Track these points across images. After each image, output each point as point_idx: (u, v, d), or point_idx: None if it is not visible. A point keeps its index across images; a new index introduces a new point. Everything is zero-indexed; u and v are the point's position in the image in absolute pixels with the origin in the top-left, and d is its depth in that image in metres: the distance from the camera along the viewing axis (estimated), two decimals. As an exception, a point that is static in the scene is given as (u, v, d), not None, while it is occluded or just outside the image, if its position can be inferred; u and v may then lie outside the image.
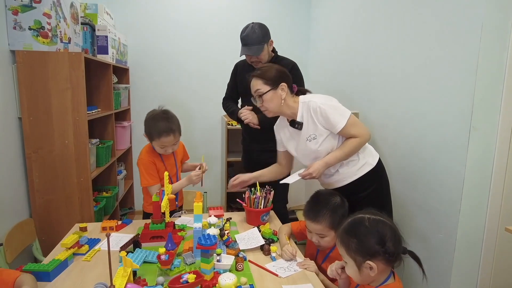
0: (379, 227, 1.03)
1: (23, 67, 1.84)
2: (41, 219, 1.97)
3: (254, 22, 2.11)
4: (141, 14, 3.21)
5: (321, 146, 1.56)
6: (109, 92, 2.56)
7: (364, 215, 1.07)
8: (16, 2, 1.84)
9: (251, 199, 1.68)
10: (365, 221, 1.05)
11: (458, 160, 1.65)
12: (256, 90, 1.59)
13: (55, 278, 1.19)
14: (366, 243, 1.01)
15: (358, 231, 1.04)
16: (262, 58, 2.09)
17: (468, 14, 1.58)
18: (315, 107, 1.54)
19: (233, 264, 1.26)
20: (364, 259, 1.01)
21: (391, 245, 1.01)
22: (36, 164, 1.93)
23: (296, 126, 1.61)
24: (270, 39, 2.13)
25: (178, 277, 1.08)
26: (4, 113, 1.79)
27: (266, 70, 1.61)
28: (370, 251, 1.00)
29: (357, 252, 1.02)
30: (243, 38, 2.08)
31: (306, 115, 1.58)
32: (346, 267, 1.07)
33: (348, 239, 1.04)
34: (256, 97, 1.60)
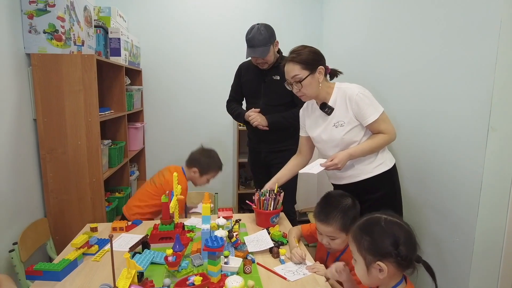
0: (394, 229, 0.99)
1: (38, 69, 1.88)
2: (55, 218, 2.01)
3: (259, 23, 2.10)
4: (154, 16, 3.24)
5: (347, 135, 1.55)
6: (121, 94, 2.59)
7: (381, 215, 1.03)
8: (32, 7, 1.88)
9: (261, 201, 1.67)
10: (381, 221, 1.01)
11: (475, 161, 1.58)
12: (293, 76, 1.54)
13: (65, 277, 1.20)
14: (379, 243, 0.97)
15: (373, 230, 1.00)
16: (268, 59, 2.09)
17: (486, 10, 1.52)
18: (352, 94, 1.53)
19: (241, 266, 1.24)
20: (375, 258, 0.97)
21: (405, 249, 0.97)
22: (50, 165, 1.97)
23: (327, 110, 1.58)
24: (275, 40, 2.13)
25: (184, 279, 1.07)
26: (20, 115, 1.83)
27: (301, 53, 1.55)
28: (382, 251, 0.96)
29: (369, 251, 0.98)
30: (249, 39, 2.07)
31: (339, 101, 1.57)
32: (355, 266, 1.03)
33: (361, 236, 1.00)
34: (293, 83, 1.55)
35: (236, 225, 1.56)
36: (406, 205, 2.08)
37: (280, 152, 2.23)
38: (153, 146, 3.35)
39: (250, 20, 3.24)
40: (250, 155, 2.42)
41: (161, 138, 3.34)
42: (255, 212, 1.72)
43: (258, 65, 2.13)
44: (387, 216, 1.02)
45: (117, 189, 2.59)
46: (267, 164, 2.24)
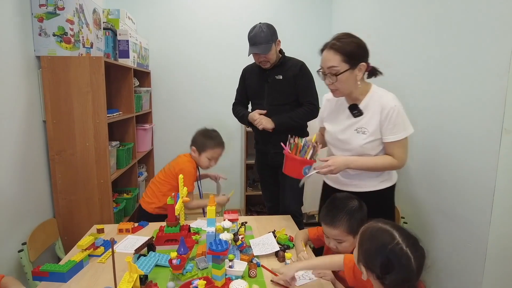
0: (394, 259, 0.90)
1: (47, 72, 1.90)
2: (64, 219, 2.02)
3: (261, 22, 2.10)
4: (162, 18, 3.26)
5: (366, 144, 1.43)
6: (130, 95, 2.61)
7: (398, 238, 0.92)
8: (42, 10, 1.90)
9: (298, 146, 1.48)
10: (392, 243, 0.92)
11: (488, 164, 1.54)
12: (330, 67, 1.38)
13: (70, 279, 1.20)
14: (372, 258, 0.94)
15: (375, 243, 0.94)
16: (270, 58, 2.08)
17: (500, 10, 1.48)
18: (387, 105, 1.40)
19: (246, 270, 1.23)
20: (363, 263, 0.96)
21: (390, 279, 0.90)
22: (59, 166, 1.99)
23: (355, 112, 1.46)
24: (277, 38, 2.12)
25: (188, 282, 1.06)
26: (30, 117, 1.86)
27: (347, 43, 1.38)
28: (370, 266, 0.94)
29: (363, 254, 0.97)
30: (251, 37, 2.07)
31: (372, 106, 1.44)
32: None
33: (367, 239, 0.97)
34: (328, 74, 1.39)
35: (242, 228, 1.55)
36: (416, 210, 2.04)
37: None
38: (161, 148, 3.36)
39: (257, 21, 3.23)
40: (257, 157, 2.40)
41: (170, 140, 3.35)
42: (286, 157, 1.52)
43: (261, 64, 2.12)
44: (402, 243, 0.92)
45: (125, 190, 2.60)
46: (274, 166, 2.22)
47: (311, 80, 2.16)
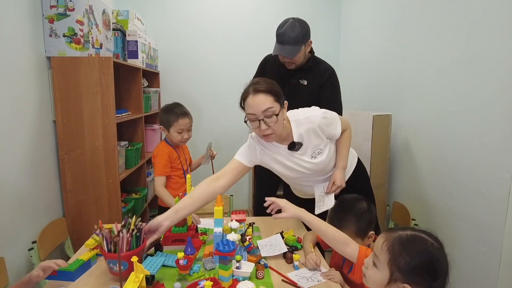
0: (439, 258, 0.88)
1: (58, 72, 1.92)
2: (73, 218, 2.04)
3: (294, 18, 1.90)
4: (171, 19, 3.28)
5: (328, 155, 1.49)
6: (139, 96, 2.62)
7: (428, 238, 0.91)
8: (52, 11, 1.92)
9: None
10: (428, 245, 0.89)
11: (503, 165, 1.49)
12: (266, 109, 1.29)
13: (78, 278, 1.20)
14: (419, 269, 0.87)
15: (416, 251, 0.88)
16: (297, 60, 1.91)
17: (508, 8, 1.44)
18: (319, 121, 1.43)
19: (253, 271, 1.21)
20: (405, 280, 0.87)
21: (440, 284, 0.87)
22: (69, 166, 2.00)
23: (296, 148, 1.44)
24: (309, 39, 1.93)
25: (195, 283, 1.05)
26: (40, 117, 1.88)
27: (270, 83, 1.36)
28: (416, 276, 0.86)
29: (402, 271, 0.87)
30: (279, 34, 1.87)
31: (306, 133, 1.43)
32: (371, 269, 0.94)
33: (400, 252, 0.89)
34: (265, 118, 1.30)
35: (249, 229, 1.53)
36: (430, 212, 2.00)
37: None
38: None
39: (266, 22, 3.25)
40: None
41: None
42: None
43: (285, 64, 1.96)
44: (433, 240, 0.90)
45: (133, 190, 2.61)
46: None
47: (338, 91, 2.02)
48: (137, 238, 1.18)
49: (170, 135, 1.93)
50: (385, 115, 2.22)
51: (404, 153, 2.28)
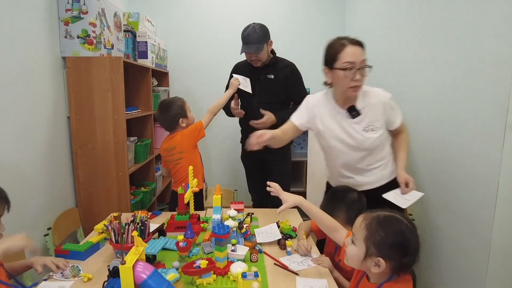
0: (410, 238, 0.98)
1: (72, 71, 2.05)
2: (85, 209, 2.17)
3: (255, 23, 2.20)
4: (180, 21, 3.40)
5: (379, 137, 1.53)
6: (148, 94, 2.74)
7: (403, 219, 1.01)
8: (68, 14, 2.06)
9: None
10: (402, 224, 0.99)
11: (492, 161, 1.54)
12: (364, 60, 1.44)
13: (88, 257, 1.32)
14: (391, 245, 0.97)
15: (391, 229, 0.98)
16: (261, 57, 2.18)
17: (502, 10, 1.49)
18: (386, 100, 1.55)
19: (247, 255, 1.30)
20: (378, 255, 0.97)
21: (409, 259, 0.97)
22: (82, 159, 2.13)
23: (354, 113, 1.52)
24: (269, 39, 2.22)
25: (192, 262, 1.15)
26: (56, 113, 2.01)
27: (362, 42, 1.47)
28: (389, 253, 0.96)
29: (377, 246, 0.97)
30: (244, 37, 2.17)
31: (370, 103, 1.53)
32: (350, 246, 1.04)
33: (376, 229, 0.99)
34: (361, 68, 1.43)
35: (247, 218, 1.62)
36: (426, 208, 2.06)
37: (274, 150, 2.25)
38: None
39: (274, 23, 3.33)
40: (243, 151, 2.50)
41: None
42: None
43: (252, 62, 2.23)
44: (407, 221, 1.01)
45: (142, 184, 2.73)
46: (262, 161, 2.34)
47: (302, 81, 2.32)
48: (141, 231, 1.28)
49: (188, 119, 2.10)
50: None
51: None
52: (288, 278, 1.20)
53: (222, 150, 3.54)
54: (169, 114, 2.03)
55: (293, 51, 3.43)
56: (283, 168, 2.36)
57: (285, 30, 3.45)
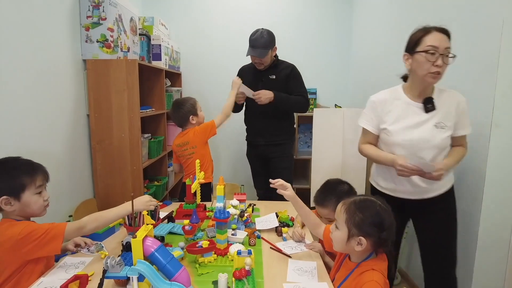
0: (385, 215, 1.12)
1: (91, 73, 2.24)
2: (102, 199, 2.35)
3: (264, 28, 2.37)
4: (193, 24, 3.57)
5: (446, 140, 1.44)
6: (162, 94, 2.91)
7: (376, 200, 1.15)
8: (88, 20, 2.24)
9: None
10: (377, 205, 1.13)
11: (479, 157, 1.64)
12: (447, 48, 1.38)
13: (105, 239, 1.49)
14: (369, 223, 1.10)
15: (367, 210, 1.12)
16: (265, 61, 2.38)
17: (489, 11, 1.58)
18: (462, 101, 1.47)
19: (246, 239, 1.44)
20: (360, 233, 1.10)
21: (387, 234, 1.10)
22: (99, 154, 2.31)
23: (429, 106, 1.45)
24: (275, 46, 2.40)
25: (195, 243, 1.29)
26: (77, 111, 2.20)
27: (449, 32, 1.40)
28: (369, 230, 1.09)
29: (357, 226, 1.10)
30: (251, 40, 2.34)
31: (445, 100, 1.47)
32: (335, 232, 1.16)
33: (355, 211, 1.11)
34: (444, 55, 1.37)
35: (249, 208, 1.76)
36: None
37: (278, 145, 2.48)
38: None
39: (283, 26, 3.48)
40: (248, 148, 2.66)
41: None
42: None
43: (255, 65, 2.41)
44: (381, 202, 1.14)
45: (156, 178, 2.91)
46: (266, 157, 2.48)
47: (301, 79, 2.48)
48: (152, 216, 1.43)
49: (198, 117, 2.25)
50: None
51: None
52: (282, 260, 1.33)
53: (231, 148, 3.69)
54: (181, 111, 2.20)
55: (300, 53, 3.55)
56: (285, 164, 2.51)
57: (293, 33, 3.58)
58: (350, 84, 3.61)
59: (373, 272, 1.09)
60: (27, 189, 1.25)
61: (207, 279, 1.18)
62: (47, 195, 1.35)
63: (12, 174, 1.24)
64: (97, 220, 1.34)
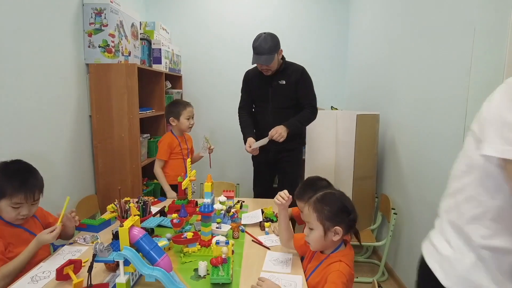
0: (346, 201, 1.25)
1: (94, 76, 2.38)
2: (103, 196, 2.48)
3: (266, 33, 2.25)
4: (194, 28, 3.71)
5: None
6: (161, 96, 3.04)
7: (332, 190, 1.29)
8: (91, 27, 2.38)
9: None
10: (335, 194, 1.26)
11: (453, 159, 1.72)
12: None
13: (101, 231, 1.61)
14: (337, 212, 1.21)
15: (331, 201, 1.23)
16: (272, 66, 2.25)
17: (461, 21, 1.67)
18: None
19: (230, 232, 1.55)
20: (334, 225, 1.20)
21: (353, 216, 1.23)
22: (101, 153, 2.45)
23: None
24: (280, 48, 2.28)
25: (181, 234, 1.41)
26: (80, 112, 2.34)
27: None
28: (338, 218, 1.20)
29: (328, 218, 1.20)
30: (256, 47, 2.22)
31: None
32: (311, 233, 1.25)
33: (322, 207, 1.22)
34: None
35: (237, 204, 1.87)
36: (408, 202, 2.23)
37: (289, 151, 2.39)
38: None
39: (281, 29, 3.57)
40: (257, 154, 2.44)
41: (199, 137, 3.77)
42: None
43: (263, 71, 2.30)
44: (336, 191, 1.28)
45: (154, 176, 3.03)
46: (276, 162, 2.42)
47: (311, 84, 2.37)
48: (143, 210, 1.55)
49: (180, 123, 2.34)
50: (372, 115, 2.47)
51: (390, 149, 2.52)
52: (261, 252, 1.44)
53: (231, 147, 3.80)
54: (168, 108, 2.41)
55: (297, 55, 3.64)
56: (294, 168, 2.45)
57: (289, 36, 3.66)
58: (346, 86, 3.70)
59: (340, 263, 1.19)
60: (4, 198, 1.31)
61: (190, 267, 1.30)
62: (25, 211, 1.35)
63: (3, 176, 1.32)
64: (9, 275, 1.25)
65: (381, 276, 2.43)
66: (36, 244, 1.32)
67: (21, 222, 1.38)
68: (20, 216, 1.35)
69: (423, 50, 2.05)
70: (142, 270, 1.07)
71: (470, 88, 1.61)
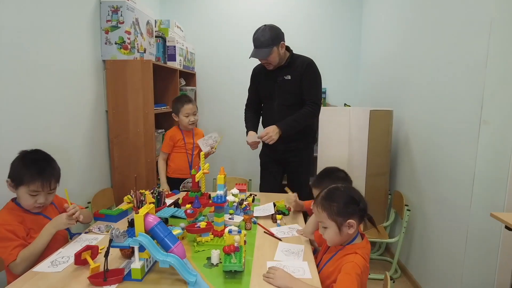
0: (351, 192, 1.26)
1: (110, 72, 2.44)
2: (118, 189, 2.54)
3: (266, 25, 2.12)
4: (208, 27, 3.75)
5: None
6: (176, 92, 3.09)
7: (336, 184, 1.29)
8: (108, 24, 2.44)
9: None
10: (340, 188, 1.27)
11: (468, 153, 1.70)
12: None
13: (119, 221, 1.66)
14: (346, 205, 1.21)
15: (337, 196, 1.23)
16: (272, 60, 2.11)
17: (478, 13, 1.65)
18: None
19: (243, 224, 1.57)
20: (346, 219, 1.20)
21: (362, 204, 1.23)
22: (117, 147, 2.51)
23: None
24: (281, 41, 2.11)
25: (194, 224, 1.44)
26: (97, 107, 2.40)
27: None
28: (349, 210, 1.21)
29: (339, 214, 1.21)
30: (254, 40, 2.11)
31: None
32: (325, 232, 1.25)
33: (329, 204, 1.22)
34: None
35: (250, 198, 1.89)
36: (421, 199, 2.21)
37: (297, 150, 2.30)
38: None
39: (294, 26, 3.59)
40: (264, 150, 2.45)
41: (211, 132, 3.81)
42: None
43: (265, 65, 2.18)
44: (340, 183, 1.29)
45: (169, 171, 3.08)
46: (284, 162, 2.34)
47: (317, 78, 2.19)
48: (158, 200, 1.59)
49: (180, 120, 2.38)
50: (385, 111, 2.45)
51: (403, 145, 2.49)
52: (273, 243, 1.46)
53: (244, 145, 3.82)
54: (172, 103, 2.47)
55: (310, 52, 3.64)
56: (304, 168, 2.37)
57: (303, 33, 3.67)
58: (359, 83, 3.68)
59: (356, 255, 1.19)
60: (23, 185, 1.36)
61: (203, 256, 1.33)
62: (42, 199, 1.39)
63: (22, 164, 1.38)
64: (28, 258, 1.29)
65: (394, 273, 2.42)
66: (52, 226, 1.36)
67: (38, 210, 1.43)
68: (37, 204, 1.40)
69: (437, 45, 2.03)
70: (156, 256, 1.10)
71: (486, 83, 1.59)
